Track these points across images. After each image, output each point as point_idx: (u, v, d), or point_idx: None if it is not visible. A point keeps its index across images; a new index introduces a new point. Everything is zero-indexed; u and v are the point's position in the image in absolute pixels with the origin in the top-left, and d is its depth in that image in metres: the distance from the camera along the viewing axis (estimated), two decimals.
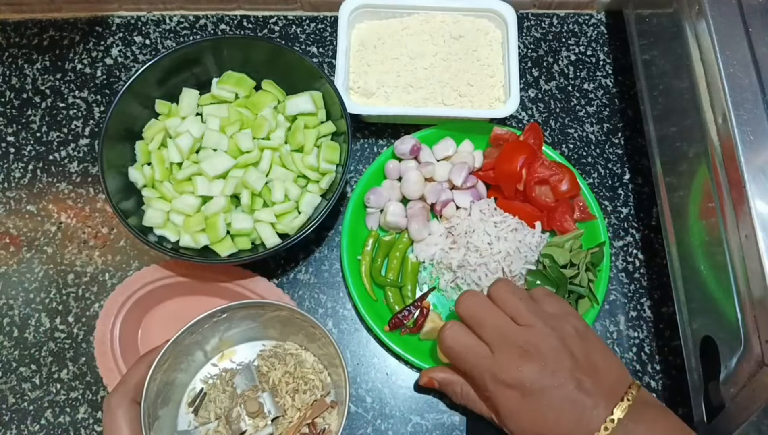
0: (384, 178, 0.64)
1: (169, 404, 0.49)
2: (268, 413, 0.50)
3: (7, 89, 0.70)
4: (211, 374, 0.53)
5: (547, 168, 0.61)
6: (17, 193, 0.66)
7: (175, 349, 0.48)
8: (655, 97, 0.61)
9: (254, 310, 0.51)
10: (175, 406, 0.50)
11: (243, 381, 0.52)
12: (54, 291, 0.63)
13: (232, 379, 0.52)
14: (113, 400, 0.46)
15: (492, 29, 0.67)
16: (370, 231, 0.63)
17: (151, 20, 0.74)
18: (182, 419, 0.50)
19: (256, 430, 0.49)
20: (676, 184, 0.56)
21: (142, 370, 0.46)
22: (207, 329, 0.50)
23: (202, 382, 0.52)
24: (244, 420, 0.49)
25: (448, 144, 0.64)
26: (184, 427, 0.50)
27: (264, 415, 0.50)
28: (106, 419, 0.45)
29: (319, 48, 0.72)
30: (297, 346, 0.54)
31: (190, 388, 0.52)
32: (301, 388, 0.51)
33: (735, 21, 0.49)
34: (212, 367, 0.53)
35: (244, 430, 0.50)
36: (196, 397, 0.51)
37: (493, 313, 0.49)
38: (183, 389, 0.51)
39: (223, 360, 0.54)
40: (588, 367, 0.46)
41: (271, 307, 0.51)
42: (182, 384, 0.51)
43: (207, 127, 0.61)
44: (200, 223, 0.58)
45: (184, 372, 0.51)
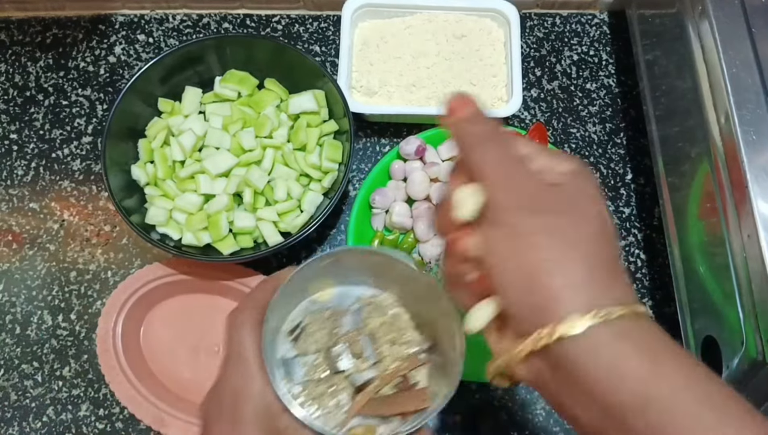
0: (389, 179, 0.64)
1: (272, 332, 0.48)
2: (369, 358, 0.49)
3: (10, 87, 0.70)
4: (312, 309, 0.51)
5: None
6: (20, 190, 0.66)
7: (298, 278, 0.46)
8: (657, 97, 0.61)
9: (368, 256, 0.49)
10: (276, 333, 0.49)
11: (349, 322, 0.50)
12: (56, 288, 0.63)
13: (338, 318, 0.50)
14: (241, 317, 0.44)
15: (495, 29, 0.67)
16: (375, 232, 0.63)
17: (154, 18, 0.74)
18: (281, 347, 0.49)
19: (357, 371, 0.48)
20: (678, 184, 0.56)
21: (267, 292, 0.45)
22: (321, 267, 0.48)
23: (303, 313, 0.51)
24: (346, 359, 0.48)
25: (453, 144, 0.64)
26: (281, 355, 0.49)
27: (365, 358, 0.49)
28: (232, 335, 0.44)
29: (321, 47, 0.72)
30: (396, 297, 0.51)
31: (291, 318, 0.50)
32: (398, 340, 0.50)
33: (738, 21, 0.49)
34: (312, 303, 0.51)
35: (344, 369, 0.48)
36: (296, 327, 0.50)
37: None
38: (285, 317, 0.50)
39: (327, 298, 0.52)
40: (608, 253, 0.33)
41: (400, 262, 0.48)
42: (286, 312, 0.50)
43: (210, 125, 0.61)
44: (203, 221, 0.58)
45: (290, 301, 0.50)
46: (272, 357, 0.46)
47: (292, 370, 0.48)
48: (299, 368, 0.48)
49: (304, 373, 0.48)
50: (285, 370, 0.48)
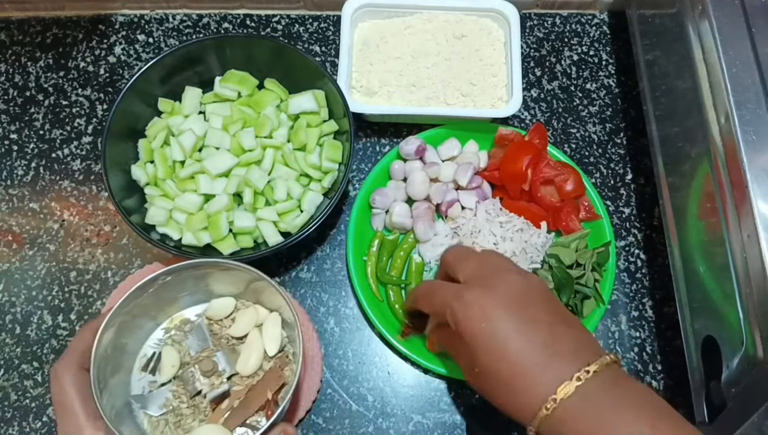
0: (389, 179, 0.64)
1: (120, 371, 0.49)
2: (223, 371, 0.50)
3: (10, 87, 0.70)
4: (163, 338, 0.53)
5: (553, 168, 0.61)
6: (20, 190, 0.66)
7: (120, 313, 0.47)
8: (657, 97, 0.61)
9: (198, 270, 0.51)
10: (127, 373, 0.51)
11: (195, 342, 0.52)
12: (56, 288, 0.63)
13: (184, 341, 0.52)
14: (59, 367, 0.44)
15: (495, 29, 0.67)
16: (375, 232, 0.63)
17: (154, 18, 0.74)
18: (135, 385, 0.51)
19: (212, 388, 0.50)
20: (678, 184, 0.56)
21: (87, 337, 0.45)
22: (152, 293, 0.50)
23: (154, 346, 0.52)
24: (198, 380, 0.50)
25: (453, 144, 0.64)
26: (137, 392, 0.51)
27: (219, 373, 0.50)
28: (54, 388, 0.44)
29: (321, 47, 0.72)
30: (247, 302, 0.54)
31: (141, 355, 0.52)
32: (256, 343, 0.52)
33: (738, 21, 0.50)
34: (162, 331, 0.53)
35: (200, 389, 0.50)
36: (148, 362, 0.52)
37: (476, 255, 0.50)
38: (134, 356, 0.52)
39: (173, 324, 0.54)
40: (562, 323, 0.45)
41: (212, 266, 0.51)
42: (133, 350, 0.52)
43: (210, 125, 0.61)
44: (203, 221, 0.58)
45: (134, 338, 0.51)
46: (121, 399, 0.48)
47: (149, 404, 0.49)
48: (158, 400, 0.50)
49: (162, 404, 0.49)
50: (143, 405, 0.49)
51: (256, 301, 0.54)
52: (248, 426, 0.49)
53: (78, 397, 0.43)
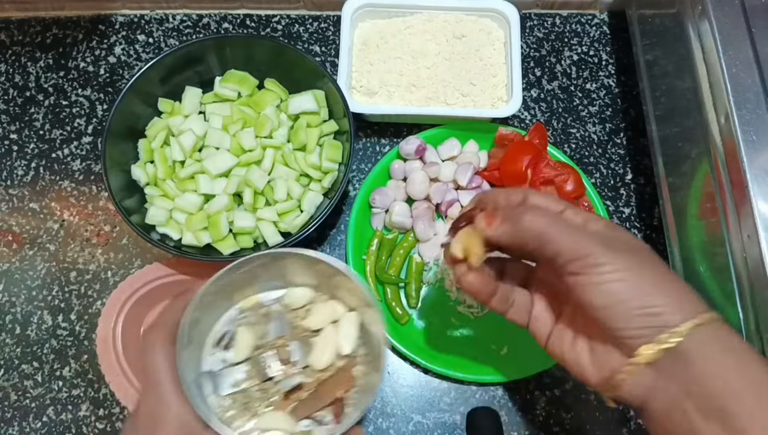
0: (389, 179, 0.64)
1: (193, 346, 0.48)
2: (296, 362, 0.49)
3: (10, 87, 0.70)
4: (237, 318, 0.52)
5: (552, 168, 0.61)
6: (20, 190, 0.66)
7: (209, 292, 0.47)
8: (657, 97, 0.61)
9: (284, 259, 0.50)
10: (199, 348, 0.49)
11: (274, 328, 0.51)
12: (56, 289, 0.63)
13: (261, 325, 0.51)
14: (153, 339, 0.44)
15: (495, 29, 0.67)
16: (375, 231, 0.63)
17: (154, 19, 0.74)
18: (207, 361, 0.49)
19: (284, 377, 0.49)
20: (678, 184, 0.56)
21: (178, 310, 0.45)
22: (242, 274, 0.49)
23: (228, 325, 0.51)
24: (272, 366, 0.49)
25: (453, 144, 0.64)
26: (207, 368, 0.49)
27: (292, 363, 0.49)
28: (146, 358, 0.43)
29: (321, 47, 0.72)
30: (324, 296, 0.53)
31: (216, 330, 0.51)
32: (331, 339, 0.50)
33: (738, 21, 0.50)
34: (237, 311, 0.52)
35: (272, 376, 0.49)
36: (221, 339, 0.50)
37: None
38: (207, 332, 0.50)
39: (248, 305, 0.52)
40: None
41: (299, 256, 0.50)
42: (207, 327, 0.50)
43: (210, 125, 0.61)
44: (203, 221, 0.58)
45: (210, 314, 0.50)
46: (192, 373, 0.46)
47: (220, 381, 0.49)
48: (228, 379, 0.49)
49: (233, 383, 0.49)
50: (213, 382, 0.48)
51: (332, 296, 0.53)
52: (314, 420, 0.48)
53: (167, 370, 0.42)
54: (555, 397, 0.59)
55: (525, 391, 0.60)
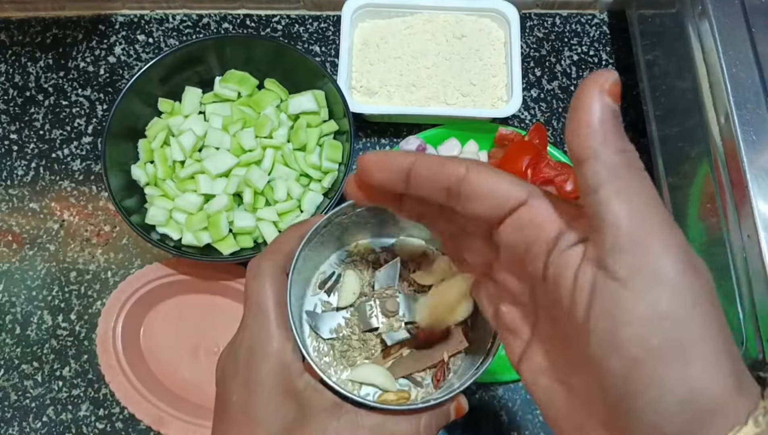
0: None
1: (299, 284, 0.45)
2: (403, 316, 0.45)
3: (10, 87, 0.70)
4: (345, 260, 0.48)
5: (552, 168, 0.61)
6: (20, 190, 0.66)
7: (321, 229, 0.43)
8: (657, 97, 0.61)
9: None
10: (304, 286, 0.46)
11: (384, 277, 0.47)
12: (56, 289, 0.63)
13: (372, 272, 0.48)
14: (263, 265, 0.40)
15: (494, 29, 0.67)
16: None
17: (154, 19, 0.74)
18: (309, 300, 0.46)
19: (389, 330, 0.45)
20: (678, 184, 0.56)
21: (293, 241, 0.41)
22: (355, 216, 0.45)
23: (334, 266, 0.48)
24: (377, 316, 0.45)
25: (452, 144, 0.64)
26: (309, 308, 0.47)
27: (399, 317, 0.45)
28: (252, 285, 0.40)
29: (321, 47, 0.72)
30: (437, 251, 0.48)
31: (322, 270, 0.48)
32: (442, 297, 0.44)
33: (738, 21, 0.50)
34: (345, 253, 0.48)
35: (376, 326, 0.45)
36: (327, 280, 0.47)
37: None
38: (314, 271, 0.47)
39: (356, 249, 0.49)
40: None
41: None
42: (314, 265, 0.47)
43: (210, 125, 0.61)
44: (203, 221, 0.58)
45: (318, 253, 0.47)
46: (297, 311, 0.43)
47: (320, 325, 0.45)
48: (329, 323, 0.46)
49: (333, 328, 0.45)
50: (313, 324, 0.45)
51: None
52: (412, 380, 0.45)
53: (274, 300, 0.39)
54: None
55: (525, 391, 0.60)
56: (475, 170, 0.27)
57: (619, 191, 0.24)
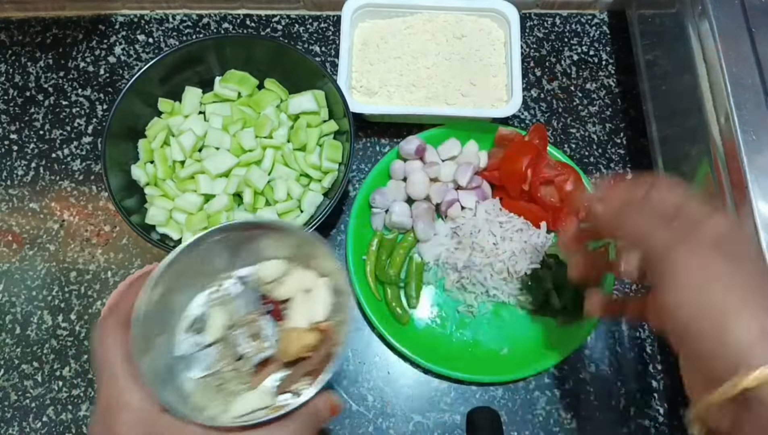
0: (389, 179, 0.64)
1: (165, 331, 0.48)
2: (269, 336, 0.49)
3: (10, 87, 0.70)
4: (210, 298, 0.51)
5: (552, 168, 0.61)
6: (20, 190, 0.66)
7: (168, 273, 0.46)
8: (657, 97, 0.61)
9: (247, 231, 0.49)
10: (171, 333, 0.49)
11: (243, 304, 0.50)
12: (56, 289, 0.63)
13: (232, 303, 0.50)
14: (104, 325, 0.42)
15: (495, 29, 0.67)
16: (375, 231, 0.63)
17: (154, 19, 0.74)
18: (179, 346, 0.49)
19: (257, 353, 0.48)
20: None
21: (132, 297, 0.43)
22: (203, 251, 0.48)
23: (201, 307, 0.50)
24: (243, 343, 0.48)
25: (453, 144, 0.64)
26: (181, 353, 0.49)
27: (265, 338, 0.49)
28: (96, 346, 0.42)
29: (321, 47, 0.72)
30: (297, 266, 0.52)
31: (187, 315, 0.50)
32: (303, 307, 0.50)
33: (738, 21, 0.50)
34: (210, 291, 0.51)
35: (245, 353, 0.48)
36: (194, 322, 0.50)
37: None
38: (179, 315, 0.49)
39: (221, 284, 0.51)
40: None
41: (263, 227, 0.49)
42: (178, 310, 0.50)
43: (210, 125, 0.61)
44: (203, 221, 0.58)
45: (181, 297, 0.49)
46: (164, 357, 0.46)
47: (193, 365, 0.48)
48: (202, 362, 0.48)
49: (207, 366, 0.48)
50: (186, 366, 0.48)
51: (307, 266, 0.52)
52: (293, 392, 0.48)
53: (120, 357, 0.41)
54: (555, 397, 0.59)
55: (525, 391, 0.60)
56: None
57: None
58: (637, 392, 0.59)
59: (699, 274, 0.36)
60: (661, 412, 0.59)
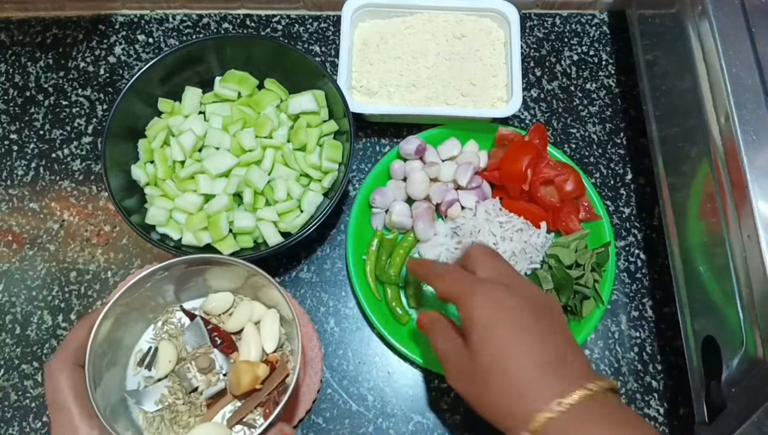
0: (389, 179, 0.64)
1: (116, 366, 0.49)
2: (220, 369, 0.50)
3: (10, 87, 0.70)
4: (159, 333, 0.52)
5: (553, 168, 0.61)
6: (20, 190, 0.66)
7: (116, 308, 0.47)
8: (657, 97, 0.61)
9: (194, 266, 0.51)
10: (122, 368, 0.50)
11: (192, 338, 0.52)
12: (56, 289, 0.63)
13: (181, 337, 0.52)
14: (54, 364, 0.44)
15: (495, 29, 0.67)
16: (375, 231, 0.63)
17: (154, 19, 0.74)
18: (131, 380, 0.50)
19: (208, 386, 0.49)
20: (679, 185, 0.56)
21: (83, 333, 0.45)
22: (150, 288, 0.50)
23: (150, 341, 0.52)
24: (195, 376, 0.49)
25: (453, 144, 0.64)
26: (133, 387, 0.50)
27: (216, 370, 0.50)
28: (48, 386, 0.43)
29: (321, 47, 0.72)
30: (245, 298, 0.54)
31: (137, 349, 0.52)
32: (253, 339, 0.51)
33: (738, 21, 0.49)
34: (159, 326, 0.53)
35: (196, 386, 0.50)
36: (144, 356, 0.51)
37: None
38: (129, 350, 0.51)
39: (169, 319, 0.53)
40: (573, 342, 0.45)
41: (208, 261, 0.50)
42: (128, 345, 0.51)
43: (210, 125, 0.61)
44: (203, 221, 0.58)
45: (130, 332, 0.51)
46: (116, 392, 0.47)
47: (144, 399, 0.49)
48: (153, 396, 0.49)
49: (158, 399, 0.49)
50: (138, 401, 0.49)
51: (255, 297, 0.54)
52: (245, 424, 0.49)
53: (72, 395, 0.42)
54: None
55: None
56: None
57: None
58: (637, 392, 0.59)
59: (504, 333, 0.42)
60: (661, 412, 0.59)
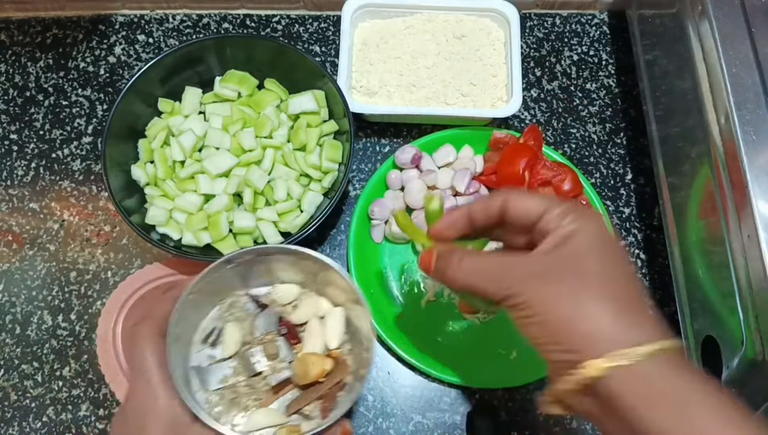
0: (386, 189, 0.64)
1: (181, 342, 0.49)
2: (285, 357, 0.50)
3: (10, 87, 0.70)
4: (224, 314, 0.52)
5: (549, 169, 0.61)
6: (20, 190, 0.66)
7: (197, 288, 0.47)
8: (657, 97, 0.61)
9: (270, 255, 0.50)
10: (187, 344, 0.50)
11: (263, 323, 0.51)
12: (56, 289, 0.63)
13: (248, 320, 0.52)
14: (144, 329, 0.44)
15: (495, 29, 0.67)
16: (376, 244, 0.62)
17: (154, 19, 0.74)
18: (195, 357, 0.50)
19: (273, 372, 0.49)
20: (678, 185, 0.56)
21: (168, 306, 0.46)
22: (228, 271, 0.50)
23: (215, 321, 0.52)
24: (260, 361, 0.50)
25: (448, 150, 0.64)
26: (194, 364, 0.50)
27: (281, 359, 0.50)
28: (133, 351, 0.44)
29: (321, 47, 0.72)
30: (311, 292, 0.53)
31: (203, 327, 0.51)
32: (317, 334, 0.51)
33: (738, 21, 0.50)
34: (225, 307, 0.52)
35: (260, 371, 0.50)
36: (208, 335, 0.51)
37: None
38: (195, 327, 0.51)
39: (236, 302, 0.53)
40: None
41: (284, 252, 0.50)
42: (194, 322, 0.51)
43: (210, 125, 0.61)
44: (203, 221, 0.58)
45: (197, 310, 0.51)
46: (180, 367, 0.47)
47: (208, 377, 0.49)
48: (216, 375, 0.49)
49: (220, 379, 0.49)
50: (200, 378, 0.49)
51: (321, 292, 0.53)
52: (302, 414, 0.49)
53: (155, 363, 0.43)
54: None
55: (525, 391, 0.60)
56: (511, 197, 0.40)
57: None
58: None
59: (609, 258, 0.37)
60: None
